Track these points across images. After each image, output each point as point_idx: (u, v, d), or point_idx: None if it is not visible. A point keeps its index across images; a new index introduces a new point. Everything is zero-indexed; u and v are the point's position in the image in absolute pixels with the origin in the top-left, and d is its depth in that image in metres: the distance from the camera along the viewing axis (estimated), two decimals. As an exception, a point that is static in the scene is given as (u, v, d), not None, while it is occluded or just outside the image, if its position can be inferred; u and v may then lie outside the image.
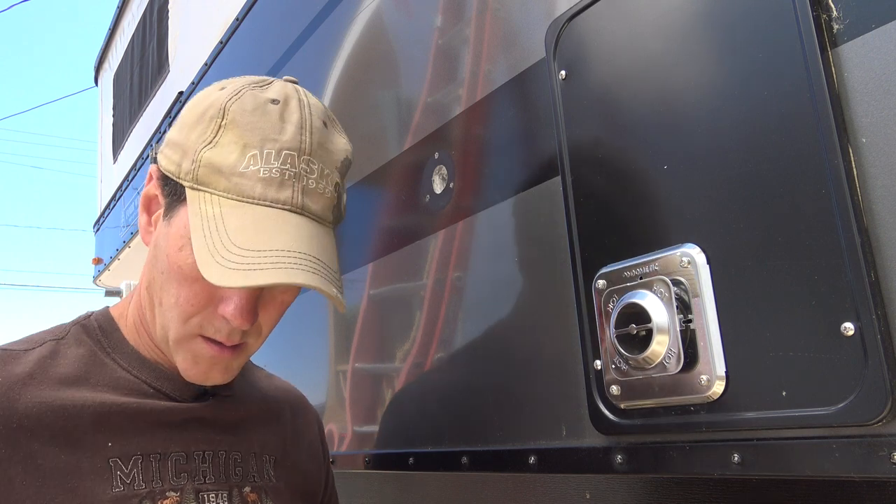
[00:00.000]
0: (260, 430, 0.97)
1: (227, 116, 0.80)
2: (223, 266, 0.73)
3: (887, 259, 0.63)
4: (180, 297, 0.80)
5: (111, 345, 0.89)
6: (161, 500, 0.82)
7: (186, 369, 0.84)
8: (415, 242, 1.27)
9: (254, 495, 0.91)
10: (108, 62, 4.59)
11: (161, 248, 0.82)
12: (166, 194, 0.83)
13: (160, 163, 0.84)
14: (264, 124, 0.80)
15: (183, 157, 0.80)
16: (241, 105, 0.80)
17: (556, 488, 1.19)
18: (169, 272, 0.80)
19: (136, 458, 0.82)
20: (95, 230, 4.46)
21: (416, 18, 1.35)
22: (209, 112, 0.81)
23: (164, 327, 0.83)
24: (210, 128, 0.80)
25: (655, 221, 0.82)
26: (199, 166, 0.78)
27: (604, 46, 0.90)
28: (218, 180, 0.78)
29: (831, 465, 0.65)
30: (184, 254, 0.78)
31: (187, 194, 0.79)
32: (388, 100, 1.41)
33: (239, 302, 0.79)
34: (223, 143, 0.79)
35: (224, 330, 0.81)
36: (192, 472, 0.86)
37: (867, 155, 0.65)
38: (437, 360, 1.19)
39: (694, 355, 0.75)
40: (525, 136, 1.05)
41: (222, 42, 2.26)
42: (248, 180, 0.77)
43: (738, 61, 0.75)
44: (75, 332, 0.89)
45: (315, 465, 1.07)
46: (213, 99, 0.82)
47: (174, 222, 0.81)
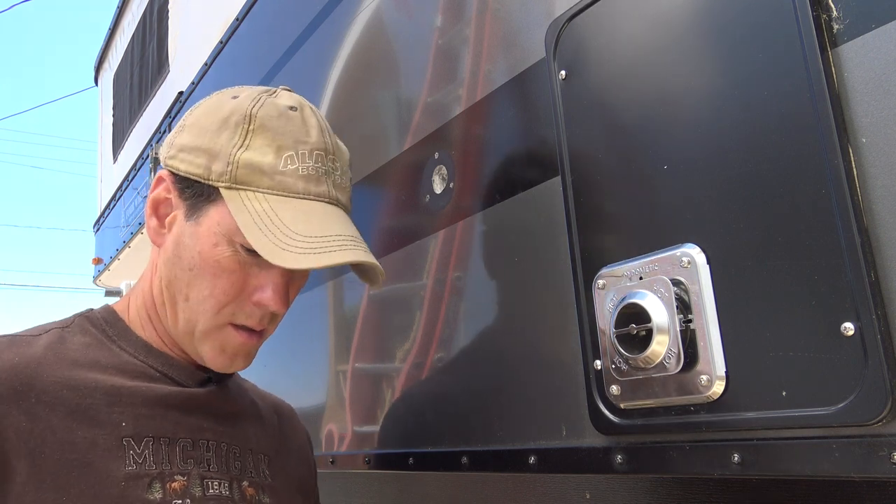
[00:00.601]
0: (254, 426, 1.00)
1: (255, 122, 0.86)
2: (293, 252, 0.81)
3: (887, 259, 0.63)
4: (216, 289, 0.86)
5: (116, 333, 0.92)
6: (170, 482, 0.84)
7: (213, 358, 0.89)
8: (415, 242, 1.27)
9: (251, 490, 0.93)
10: (108, 62, 4.59)
11: (188, 246, 0.87)
12: (187, 197, 0.88)
13: (177, 168, 0.89)
14: (292, 128, 0.88)
15: (212, 160, 0.86)
16: (266, 111, 0.87)
17: (556, 488, 1.19)
18: (202, 267, 0.86)
19: (147, 440, 0.84)
20: (95, 230, 4.46)
21: (416, 18, 1.35)
22: (233, 118, 0.87)
23: (190, 321, 0.88)
24: (238, 132, 0.86)
25: (655, 221, 0.82)
26: (237, 167, 0.85)
27: (604, 46, 0.90)
28: (260, 179, 0.85)
29: (831, 465, 0.65)
30: (219, 249, 0.85)
31: (224, 194, 0.85)
32: (388, 100, 1.41)
33: (276, 287, 0.87)
34: (256, 145, 0.86)
35: (256, 315, 0.89)
36: (197, 459, 0.88)
37: (867, 155, 0.65)
38: (437, 360, 1.19)
39: (694, 355, 0.75)
40: (525, 136, 1.05)
41: (222, 42, 2.26)
42: (289, 178, 0.86)
43: (738, 61, 0.75)
44: (79, 321, 0.92)
45: (306, 471, 1.10)
46: (234, 106, 0.88)
47: (203, 222, 0.87)
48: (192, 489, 0.85)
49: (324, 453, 1.47)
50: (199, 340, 0.89)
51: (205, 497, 0.86)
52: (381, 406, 1.33)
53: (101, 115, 4.74)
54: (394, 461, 1.28)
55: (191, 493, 0.85)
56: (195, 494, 0.85)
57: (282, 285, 0.88)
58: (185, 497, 0.84)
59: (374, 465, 1.33)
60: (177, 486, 0.84)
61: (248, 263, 0.87)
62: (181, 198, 0.89)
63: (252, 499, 0.92)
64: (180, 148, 0.90)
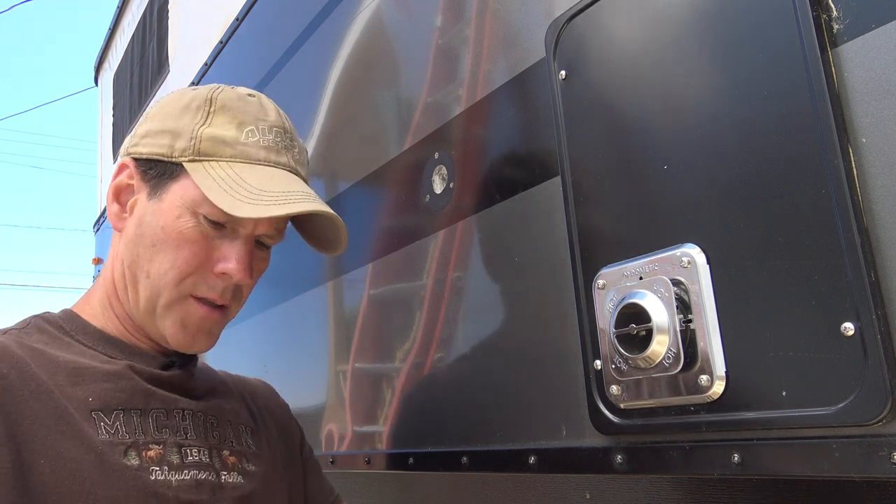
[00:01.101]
0: (230, 402, 1.00)
1: (216, 104, 0.92)
2: (254, 204, 0.85)
3: (887, 259, 0.63)
4: (177, 259, 0.88)
5: (74, 328, 0.92)
6: (145, 450, 0.84)
7: (174, 334, 0.90)
8: (415, 242, 1.27)
9: (233, 458, 0.93)
10: (108, 62, 4.58)
11: (150, 223, 0.90)
12: (150, 178, 0.92)
13: (140, 152, 0.93)
14: (251, 108, 0.93)
15: (175, 139, 0.90)
16: (226, 94, 0.93)
17: (556, 488, 1.19)
18: (164, 241, 0.89)
19: (117, 413, 0.84)
20: (95, 230, 4.46)
21: (416, 18, 1.35)
22: (194, 103, 0.92)
23: (151, 298, 0.89)
24: (200, 113, 0.91)
25: (655, 221, 0.82)
26: (200, 141, 0.89)
27: (604, 46, 0.90)
28: (223, 149, 0.89)
29: (831, 465, 0.65)
30: (182, 220, 0.88)
31: (187, 167, 0.89)
32: (388, 100, 1.41)
33: (240, 258, 0.90)
34: (217, 122, 0.91)
35: (218, 287, 0.90)
36: (173, 428, 0.88)
37: (867, 155, 0.65)
38: (437, 360, 1.19)
39: (694, 355, 0.75)
40: (525, 136, 1.05)
41: (222, 42, 2.26)
42: (251, 148, 0.91)
43: (738, 61, 0.75)
44: (35, 322, 0.92)
45: (290, 443, 1.09)
46: (194, 94, 0.94)
47: (166, 198, 0.90)
48: (168, 456, 0.85)
49: (324, 453, 1.47)
50: (161, 316, 0.90)
51: (183, 464, 0.86)
52: (381, 406, 1.33)
53: (101, 115, 4.74)
54: (394, 461, 1.28)
55: (167, 460, 0.85)
56: (172, 461, 0.85)
57: (245, 255, 0.90)
58: (162, 464, 0.84)
59: (374, 465, 1.33)
60: (153, 454, 0.84)
61: (212, 235, 0.90)
62: (143, 180, 0.92)
63: (234, 466, 0.92)
64: (143, 135, 0.94)
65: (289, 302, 1.71)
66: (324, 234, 0.99)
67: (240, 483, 0.92)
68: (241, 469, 0.93)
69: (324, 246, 1.00)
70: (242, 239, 0.91)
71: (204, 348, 0.94)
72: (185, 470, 0.86)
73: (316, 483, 1.13)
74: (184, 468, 0.86)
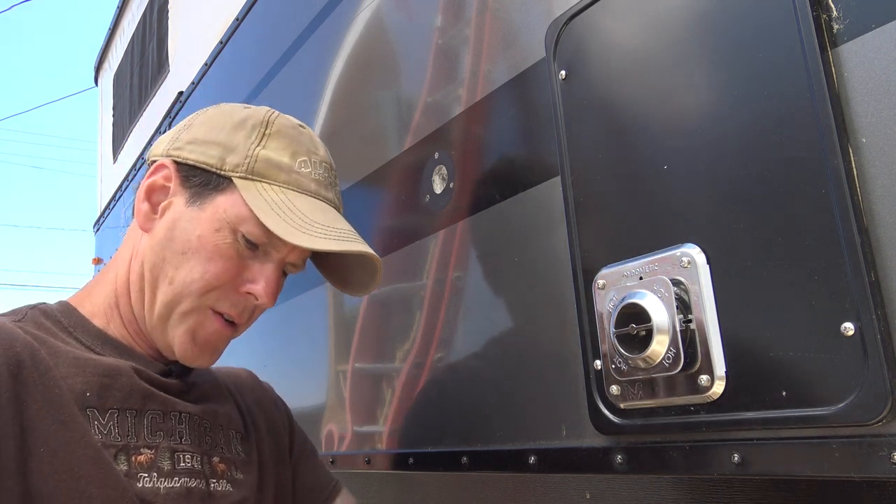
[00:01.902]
0: (223, 405, 1.00)
1: (272, 127, 0.93)
2: (310, 234, 0.86)
3: (887, 259, 0.63)
4: (207, 272, 0.88)
5: (72, 324, 0.90)
6: (135, 455, 0.83)
7: (183, 344, 0.89)
8: (415, 242, 1.27)
9: (223, 465, 0.93)
10: (108, 62, 4.58)
11: (185, 230, 0.89)
12: (192, 185, 0.91)
13: (185, 157, 0.92)
14: (304, 140, 0.95)
15: (227, 153, 0.91)
16: (281, 121, 0.95)
17: (556, 488, 1.19)
18: (197, 250, 0.88)
19: (111, 412, 0.83)
20: (95, 230, 4.46)
21: (416, 18, 1.35)
22: (249, 121, 0.93)
23: (169, 304, 0.89)
24: (255, 133, 0.92)
25: (655, 221, 0.82)
26: (256, 161, 0.90)
27: (604, 46, 0.90)
28: (277, 174, 0.91)
29: (831, 465, 0.65)
30: (221, 234, 0.88)
31: (238, 183, 0.89)
32: (388, 100, 1.41)
33: (269, 281, 0.90)
34: (272, 146, 0.92)
35: (240, 306, 0.91)
36: (168, 431, 0.88)
37: (867, 155, 0.65)
38: (437, 360, 1.19)
39: (694, 355, 0.75)
40: (525, 136, 1.05)
41: (222, 42, 2.26)
42: (304, 178, 0.92)
43: (738, 61, 0.75)
44: (32, 314, 0.89)
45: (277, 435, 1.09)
46: (249, 112, 0.95)
47: (207, 208, 0.89)
48: (159, 462, 0.84)
49: (324, 453, 1.47)
50: (175, 324, 0.89)
51: (174, 470, 0.85)
52: (381, 406, 1.33)
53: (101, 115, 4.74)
54: (394, 461, 1.28)
55: (158, 466, 0.84)
56: (163, 468, 0.84)
57: (274, 280, 0.91)
58: (152, 470, 0.83)
59: (374, 465, 1.33)
60: (143, 459, 0.83)
61: (245, 255, 0.90)
62: (184, 185, 0.92)
63: (223, 474, 0.92)
64: (189, 141, 0.93)
65: (289, 302, 1.70)
66: (349, 273, 1.00)
67: (229, 492, 0.91)
68: (229, 477, 0.93)
69: (344, 284, 1.01)
70: (273, 263, 0.91)
71: (207, 364, 0.94)
72: (176, 477, 0.85)
73: (311, 474, 1.11)
74: (174, 475, 0.85)
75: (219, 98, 2.32)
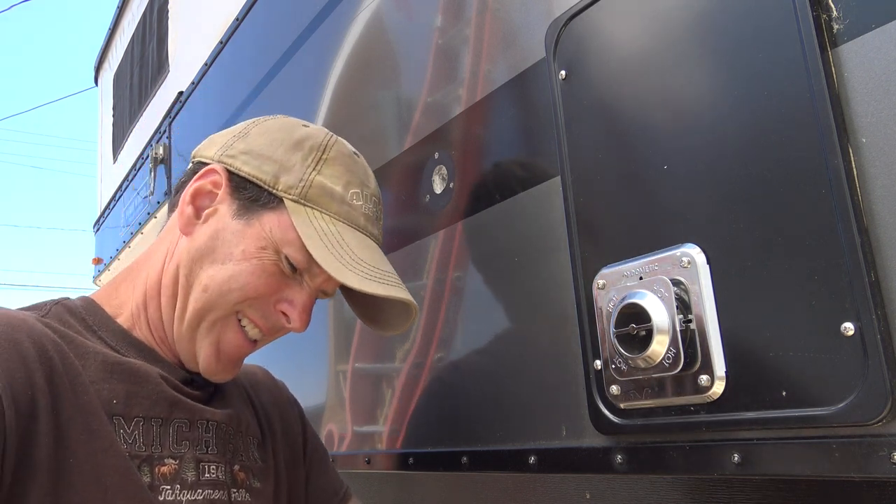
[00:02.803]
0: (244, 411, 0.99)
1: (330, 152, 0.92)
2: (357, 274, 0.85)
3: (887, 259, 0.63)
4: (248, 285, 0.87)
5: (96, 322, 0.88)
6: (158, 466, 0.82)
7: (208, 356, 0.89)
8: (415, 242, 1.27)
9: (242, 474, 0.92)
10: (108, 62, 4.58)
11: (229, 241, 0.88)
12: (242, 197, 0.90)
13: (238, 168, 0.91)
14: (359, 170, 0.95)
15: (282, 172, 0.90)
16: (339, 148, 0.94)
17: (556, 488, 1.19)
18: (238, 263, 0.87)
19: (137, 420, 0.82)
20: (95, 230, 4.46)
21: (416, 18, 1.35)
22: (308, 143, 0.92)
23: (201, 312, 0.88)
24: (312, 156, 0.91)
25: (655, 221, 0.82)
26: (310, 187, 0.89)
27: (604, 46, 0.90)
28: (330, 203, 0.90)
29: (831, 465, 0.65)
30: (266, 252, 0.88)
31: (289, 206, 0.88)
32: (388, 100, 1.41)
33: (304, 307, 0.90)
34: (328, 173, 0.91)
35: (271, 320, 0.91)
36: (194, 441, 0.87)
37: (867, 155, 0.65)
38: (437, 360, 1.19)
39: (694, 355, 0.75)
40: (525, 136, 1.05)
41: (222, 42, 2.26)
42: (355, 212, 0.91)
43: (738, 61, 0.75)
44: (56, 310, 0.87)
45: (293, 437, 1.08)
46: (308, 132, 0.93)
47: (254, 223, 0.89)
48: (183, 473, 0.83)
49: (324, 453, 1.47)
50: (203, 335, 0.88)
51: (198, 482, 0.84)
52: (381, 406, 1.33)
53: (101, 115, 4.74)
54: (394, 461, 1.28)
55: (181, 477, 0.83)
56: (186, 479, 0.83)
57: (308, 305, 0.91)
58: (175, 482, 0.82)
59: (374, 465, 1.33)
60: (166, 470, 0.82)
61: (286, 276, 0.89)
62: (233, 196, 0.91)
63: (243, 483, 0.91)
64: (244, 151, 0.92)
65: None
66: (380, 311, 0.98)
67: (248, 501, 0.91)
68: (248, 486, 0.92)
69: (374, 321, 0.99)
70: (310, 290, 0.91)
71: (227, 378, 0.94)
72: (199, 489, 0.84)
73: (323, 477, 1.11)
74: (198, 486, 0.84)
75: (219, 98, 2.33)
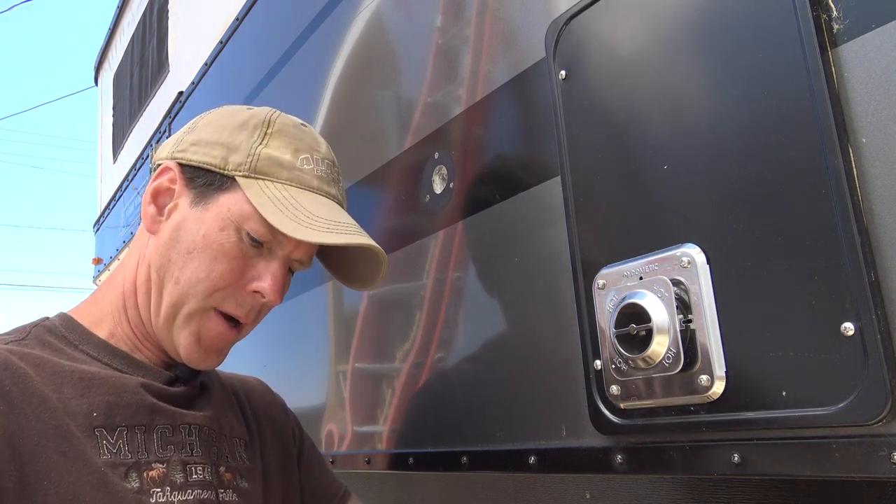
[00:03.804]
0: (227, 415, 1.00)
1: (274, 126, 0.94)
2: (315, 230, 0.86)
3: (887, 259, 0.63)
4: (213, 272, 0.88)
5: (77, 338, 0.90)
6: (147, 470, 0.83)
7: (188, 346, 0.90)
8: (415, 242, 1.27)
9: (228, 475, 0.93)
10: (108, 62, 4.58)
11: (190, 230, 0.90)
12: (196, 185, 0.92)
13: (189, 159, 0.93)
14: (306, 137, 0.96)
15: (230, 153, 0.92)
16: (283, 120, 0.96)
17: (556, 488, 1.19)
18: (202, 249, 0.89)
19: (120, 430, 0.83)
20: (95, 230, 4.46)
21: (416, 18, 1.35)
22: (252, 121, 0.94)
23: (175, 305, 0.89)
24: (257, 133, 0.93)
25: (655, 221, 0.82)
26: (258, 160, 0.91)
27: (604, 46, 0.90)
28: (279, 171, 0.91)
29: (831, 465, 0.65)
30: (225, 234, 0.89)
31: (241, 182, 0.90)
32: (388, 100, 1.41)
33: (275, 278, 0.91)
34: (274, 145, 0.93)
35: (247, 305, 0.91)
36: (178, 445, 0.87)
37: (867, 155, 0.65)
38: (437, 360, 1.19)
39: (694, 355, 0.75)
40: (525, 136, 1.05)
41: (222, 42, 2.26)
42: (306, 175, 0.93)
43: (738, 61, 0.75)
44: (36, 332, 0.89)
45: (285, 443, 1.09)
46: (251, 113, 0.95)
47: (212, 208, 0.90)
48: (172, 476, 0.84)
49: (324, 453, 1.47)
50: (180, 326, 0.89)
51: (187, 483, 0.85)
52: (381, 406, 1.33)
53: (101, 115, 4.74)
54: (394, 461, 1.28)
55: (170, 480, 0.84)
56: (176, 481, 0.84)
57: (280, 276, 0.92)
58: (164, 485, 0.83)
59: (374, 465, 1.33)
60: (154, 474, 0.83)
61: (251, 254, 0.90)
62: (188, 186, 0.92)
63: (230, 483, 0.92)
64: (193, 143, 0.94)
65: (289, 301, 1.71)
66: (354, 268, 1.00)
67: (236, 501, 0.91)
68: (235, 486, 0.93)
69: (350, 279, 1.01)
70: (279, 260, 0.92)
71: (212, 366, 0.94)
72: (189, 490, 0.85)
73: (320, 479, 1.12)
74: (187, 488, 0.85)
75: (219, 98, 2.32)
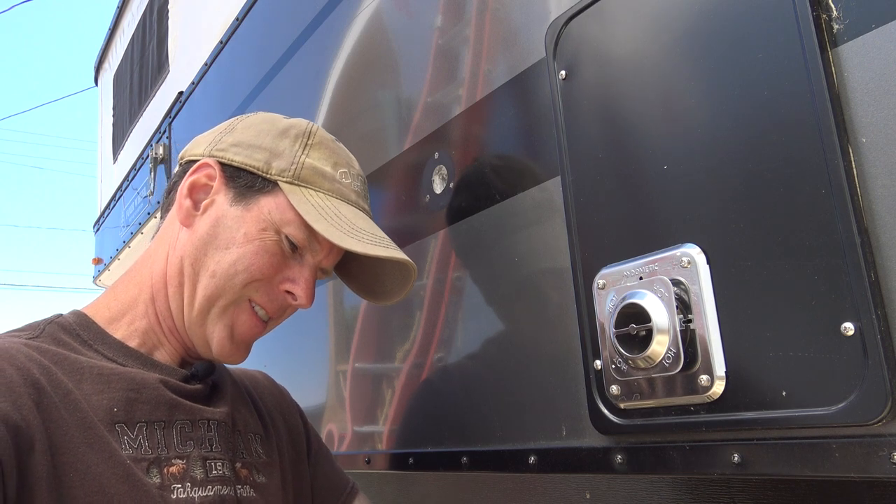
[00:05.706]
0: (241, 410, 1.01)
1: (315, 138, 0.98)
2: (358, 240, 0.90)
3: (887, 259, 0.63)
4: (253, 265, 0.92)
5: (91, 337, 0.90)
6: (167, 466, 0.84)
7: (221, 340, 0.92)
8: (415, 242, 1.27)
9: (245, 471, 0.94)
10: (108, 62, 4.58)
11: (230, 227, 0.93)
12: (237, 185, 0.95)
13: (230, 159, 0.96)
14: (342, 152, 1.01)
15: (273, 158, 0.95)
16: (322, 133, 1.00)
17: (556, 488, 1.19)
18: (242, 246, 0.92)
19: (140, 425, 0.84)
20: (95, 230, 4.46)
21: (416, 18, 1.35)
22: (293, 130, 0.97)
23: (211, 297, 0.91)
24: (299, 142, 0.97)
25: (655, 221, 0.82)
26: (302, 167, 0.95)
27: (604, 46, 0.90)
28: (322, 182, 0.95)
29: (831, 465, 0.65)
30: (267, 233, 0.92)
31: (285, 188, 0.93)
32: (388, 100, 1.41)
33: (307, 282, 0.95)
34: (315, 156, 0.97)
35: (277, 302, 0.95)
36: (198, 440, 0.88)
37: (867, 155, 0.65)
38: (437, 360, 1.19)
39: (694, 355, 0.75)
40: (525, 136, 1.05)
41: (222, 42, 2.26)
42: (345, 188, 0.97)
43: (738, 61, 0.75)
44: (50, 330, 0.89)
45: (295, 435, 1.10)
46: (291, 122, 0.99)
47: (253, 208, 0.93)
48: (192, 471, 0.85)
49: (324, 453, 1.47)
50: (214, 319, 0.92)
51: (207, 479, 0.86)
52: (381, 406, 1.33)
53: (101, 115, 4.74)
54: (394, 461, 1.28)
55: (191, 475, 0.85)
56: (196, 477, 0.85)
57: (311, 281, 0.95)
58: (185, 480, 0.84)
59: (374, 465, 1.33)
60: (175, 469, 0.84)
61: (288, 255, 0.94)
62: (228, 185, 0.95)
63: (246, 479, 0.92)
64: (233, 143, 0.97)
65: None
66: (377, 281, 1.03)
67: (253, 496, 0.92)
68: (252, 482, 0.93)
69: (369, 292, 1.05)
70: (310, 266, 0.96)
71: (239, 360, 0.97)
72: (209, 485, 0.86)
73: (328, 474, 1.12)
74: (207, 483, 0.86)
75: (219, 98, 2.32)
